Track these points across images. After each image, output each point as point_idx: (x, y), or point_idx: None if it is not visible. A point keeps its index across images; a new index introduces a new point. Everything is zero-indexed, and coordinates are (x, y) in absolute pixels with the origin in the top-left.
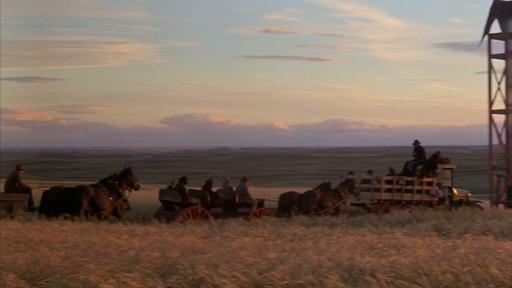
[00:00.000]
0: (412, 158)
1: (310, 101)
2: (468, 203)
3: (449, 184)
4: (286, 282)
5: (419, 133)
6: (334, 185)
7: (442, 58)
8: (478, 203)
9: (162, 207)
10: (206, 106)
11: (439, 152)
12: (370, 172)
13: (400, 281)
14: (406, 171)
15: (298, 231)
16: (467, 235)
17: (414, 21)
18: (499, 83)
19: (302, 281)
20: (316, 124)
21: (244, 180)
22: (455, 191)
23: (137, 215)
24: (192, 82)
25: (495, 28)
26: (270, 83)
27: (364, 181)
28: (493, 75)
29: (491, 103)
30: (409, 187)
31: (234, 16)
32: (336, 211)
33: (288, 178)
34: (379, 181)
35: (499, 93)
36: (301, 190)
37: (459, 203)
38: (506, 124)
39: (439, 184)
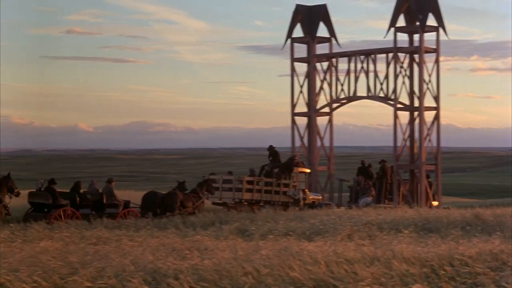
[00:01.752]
0: (268, 161)
1: (115, 102)
2: (320, 205)
3: (303, 187)
4: (88, 286)
5: (224, 135)
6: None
7: (245, 60)
8: (328, 205)
9: (32, 209)
10: (8, 107)
11: (295, 156)
12: (230, 173)
13: (202, 283)
14: (265, 173)
15: (102, 234)
16: (269, 237)
17: (218, 23)
18: (301, 86)
19: (105, 285)
20: (121, 126)
21: (109, 181)
22: (308, 193)
23: None
24: None
25: (298, 32)
26: (74, 84)
27: (226, 181)
28: (295, 78)
29: (293, 105)
30: (268, 188)
31: (36, 16)
32: (198, 210)
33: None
34: (241, 181)
35: (301, 96)
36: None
37: (312, 205)
38: (308, 126)
39: (294, 187)
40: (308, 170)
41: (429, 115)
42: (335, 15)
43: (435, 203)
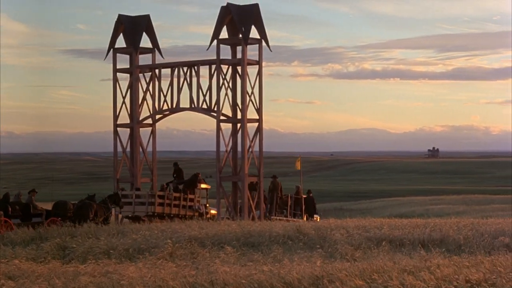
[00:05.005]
0: (172, 178)
1: None
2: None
3: (204, 202)
4: None
5: (46, 139)
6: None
7: (67, 64)
8: (227, 218)
9: None
10: None
11: (198, 173)
12: (138, 189)
13: None
14: (174, 189)
15: None
16: (90, 257)
17: (40, 26)
18: (124, 97)
19: None
20: None
21: (31, 192)
22: (209, 207)
23: None
24: None
25: (121, 41)
26: None
27: (137, 196)
28: (118, 89)
29: (116, 117)
30: (176, 202)
31: None
32: (106, 220)
33: None
34: (153, 196)
35: (124, 106)
36: None
37: (212, 218)
38: (130, 137)
39: (198, 201)
40: (208, 186)
41: (252, 126)
42: (157, 20)
43: (316, 217)
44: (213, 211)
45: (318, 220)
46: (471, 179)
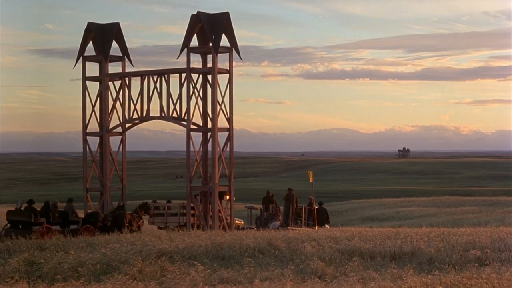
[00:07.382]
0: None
1: None
2: (242, 228)
3: (229, 212)
4: None
5: (16, 140)
6: None
7: (37, 64)
8: (251, 228)
9: (9, 226)
10: None
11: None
12: (169, 201)
13: None
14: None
15: None
16: (57, 276)
17: (8, 26)
18: (93, 106)
19: None
20: None
21: (70, 201)
22: (234, 218)
23: None
24: None
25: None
26: None
27: (169, 208)
28: (87, 96)
29: (86, 125)
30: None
31: None
32: (139, 228)
33: None
34: (184, 207)
35: (94, 114)
36: None
37: (237, 228)
38: (100, 146)
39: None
40: (227, 197)
41: (222, 135)
42: (127, 19)
43: (327, 226)
44: (237, 221)
45: (328, 228)
46: (442, 180)
